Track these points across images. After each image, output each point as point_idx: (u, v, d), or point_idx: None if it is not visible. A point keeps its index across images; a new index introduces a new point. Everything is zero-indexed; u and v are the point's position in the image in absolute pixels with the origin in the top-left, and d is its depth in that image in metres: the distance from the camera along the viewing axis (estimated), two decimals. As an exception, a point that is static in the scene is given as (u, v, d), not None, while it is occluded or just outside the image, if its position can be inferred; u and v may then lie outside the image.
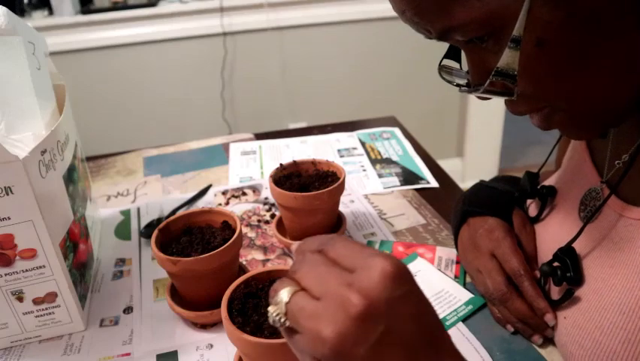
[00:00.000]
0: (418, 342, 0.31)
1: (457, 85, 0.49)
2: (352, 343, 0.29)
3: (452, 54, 0.50)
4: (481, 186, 0.69)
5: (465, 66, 0.48)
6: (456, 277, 0.67)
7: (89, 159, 1.03)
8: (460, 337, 0.58)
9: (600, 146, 0.55)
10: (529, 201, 0.66)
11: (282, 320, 0.32)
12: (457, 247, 0.67)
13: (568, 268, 0.51)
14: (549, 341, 0.56)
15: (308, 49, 2.06)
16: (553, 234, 0.58)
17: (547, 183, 0.64)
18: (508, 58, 0.39)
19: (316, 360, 0.31)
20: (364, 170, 0.97)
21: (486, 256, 0.60)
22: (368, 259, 0.31)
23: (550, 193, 0.61)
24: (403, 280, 0.31)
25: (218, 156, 1.05)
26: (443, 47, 0.48)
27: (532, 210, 0.65)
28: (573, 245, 0.51)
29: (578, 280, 0.50)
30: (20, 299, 0.58)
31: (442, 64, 0.50)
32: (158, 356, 0.58)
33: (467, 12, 0.38)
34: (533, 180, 0.64)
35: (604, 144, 0.53)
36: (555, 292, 0.54)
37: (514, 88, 0.41)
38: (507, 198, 0.65)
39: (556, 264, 0.52)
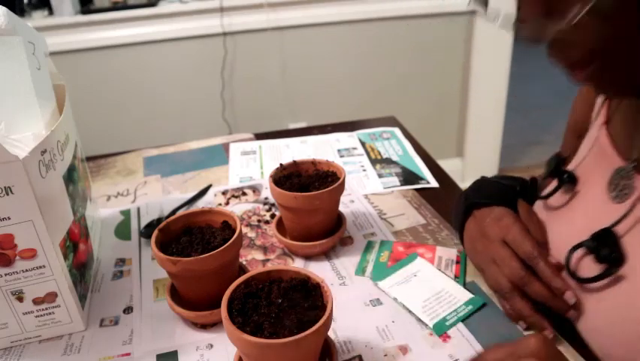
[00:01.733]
0: None
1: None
2: None
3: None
4: (483, 180, 0.69)
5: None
6: (456, 277, 0.67)
7: (89, 159, 1.03)
8: (460, 337, 0.58)
9: (621, 131, 0.55)
10: (547, 189, 0.65)
11: None
12: (462, 243, 0.67)
13: (610, 247, 0.50)
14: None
15: (308, 49, 2.06)
16: (581, 217, 0.57)
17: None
18: None
19: None
20: (364, 170, 0.96)
21: (497, 243, 0.59)
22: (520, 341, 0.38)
23: (571, 179, 0.60)
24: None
25: (218, 156, 1.05)
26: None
27: (547, 192, 0.63)
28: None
29: (620, 259, 0.49)
30: (20, 299, 0.58)
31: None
32: (158, 356, 0.58)
33: None
34: (559, 163, 0.63)
35: (625, 129, 0.54)
36: (587, 274, 0.53)
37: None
38: (510, 191, 0.65)
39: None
